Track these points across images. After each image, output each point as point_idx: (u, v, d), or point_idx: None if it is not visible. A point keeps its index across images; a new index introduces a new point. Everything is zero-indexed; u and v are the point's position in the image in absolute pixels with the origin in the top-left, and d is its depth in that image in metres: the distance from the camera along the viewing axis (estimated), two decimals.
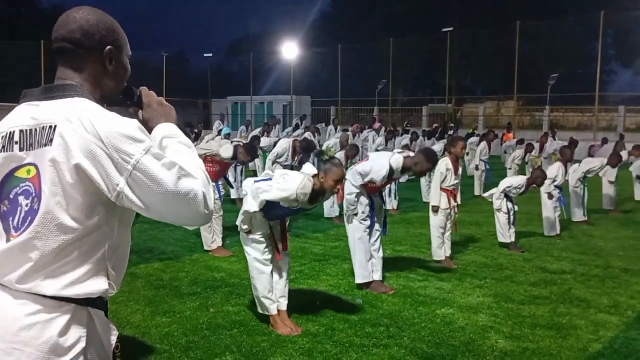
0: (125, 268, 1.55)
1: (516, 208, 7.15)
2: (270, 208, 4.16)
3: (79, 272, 1.40)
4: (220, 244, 6.72)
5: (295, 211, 4.27)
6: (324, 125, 24.94)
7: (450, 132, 17.96)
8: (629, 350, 4.06)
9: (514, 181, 7.17)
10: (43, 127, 1.40)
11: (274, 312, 4.32)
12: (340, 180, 4.12)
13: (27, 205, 1.40)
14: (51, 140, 1.37)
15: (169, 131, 1.55)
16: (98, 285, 1.44)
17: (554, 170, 7.90)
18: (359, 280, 5.32)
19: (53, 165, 1.36)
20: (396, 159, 5.18)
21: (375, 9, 42.17)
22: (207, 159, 6.47)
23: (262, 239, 4.30)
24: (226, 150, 6.47)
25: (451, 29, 29.06)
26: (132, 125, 1.39)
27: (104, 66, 1.55)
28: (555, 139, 15.67)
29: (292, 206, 4.11)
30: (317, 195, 4.13)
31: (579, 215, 8.94)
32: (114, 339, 1.53)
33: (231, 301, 4.98)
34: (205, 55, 37.34)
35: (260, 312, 4.39)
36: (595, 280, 5.78)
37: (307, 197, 4.04)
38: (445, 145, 8.58)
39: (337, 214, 8.90)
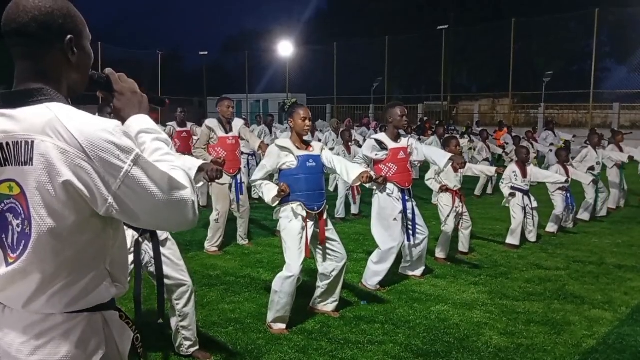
0: (127, 264, 1.53)
1: (534, 204, 7.22)
2: (291, 182, 4.23)
3: (84, 284, 1.37)
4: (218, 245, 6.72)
5: (315, 171, 4.30)
6: (326, 125, 24.85)
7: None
8: (622, 345, 4.08)
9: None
10: (18, 142, 1.29)
11: (282, 327, 4.29)
12: (307, 116, 4.32)
13: (18, 226, 1.32)
14: (31, 159, 1.27)
15: (144, 124, 1.45)
16: (105, 292, 1.42)
17: (558, 171, 7.91)
18: (371, 282, 5.33)
19: (38, 187, 1.28)
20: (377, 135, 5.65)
21: (371, 6, 42.16)
22: (209, 147, 6.51)
23: (295, 247, 4.21)
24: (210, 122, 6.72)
25: (446, 26, 29.09)
26: (115, 131, 1.30)
27: (67, 58, 1.40)
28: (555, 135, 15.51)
29: (293, 165, 4.24)
30: (301, 138, 4.37)
31: (584, 215, 8.96)
32: (129, 339, 1.51)
33: (226, 299, 4.98)
34: (201, 53, 37.28)
35: (274, 326, 4.29)
36: (590, 277, 5.81)
37: (292, 144, 4.30)
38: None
39: (343, 215, 8.91)
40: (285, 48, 33.07)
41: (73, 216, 1.30)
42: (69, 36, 1.39)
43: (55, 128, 1.27)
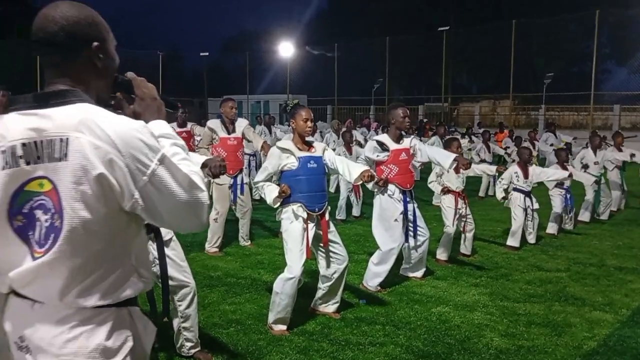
0: (149, 260, 1.60)
1: (536, 205, 7.23)
2: (292, 183, 4.24)
3: (112, 279, 1.43)
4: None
5: (316, 172, 4.30)
6: (327, 126, 24.85)
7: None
8: (623, 347, 4.08)
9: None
10: (51, 140, 1.35)
11: (283, 328, 4.28)
12: (308, 117, 4.32)
13: (46, 221, 1.37)
14: (65, 155, 1.33)
15: (163, 130, 1.53)
16: (133, 286, 1.48)
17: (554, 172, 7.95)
18: (372, 283, 5.33)
19: (73, 181, 1.33)
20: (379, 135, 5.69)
21: (371, 7, 42.18)
22: (213, 147, 6.53)
23: (296, 249, 4.21)
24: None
25: (447, 27, 29.11)
26: (144, 131, 1.39)
27: (93, 64, 1.48)
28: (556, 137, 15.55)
29: (294, 166, 4.24)
30: (303, 139, 4.36)
31: (585, 216, 8.96)
32: (152, 334, 1.58)
33: (227, 300, 4.99)
34: (201, 54, 37.29)
35: (275, 327, 4.29)
36: (590, 279, 5.81)
37: (293, 145, 4.30)
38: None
39: (344, 217, 8.91)
40: (286, 49, 33.08)
41: (104, 209, 1.36)
42: (94, 43, 1.47)
43: (88, 126, 1.34)
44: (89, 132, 1.33)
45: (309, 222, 4.26)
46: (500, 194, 7.13)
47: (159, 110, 1.59)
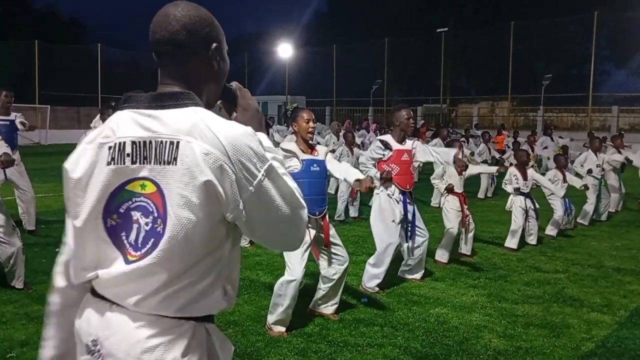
0: (238, 280, 1.49)
1: (536, 205, 7.26)
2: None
3: (196, 291, 1.33)
4: None
5: (318, 176, 4.32)
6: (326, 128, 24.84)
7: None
8: (621, 349, 4.08)
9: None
10: (162, 142, 1.29)
11: (282, 330, 4.26)
12: (310, 118, 4.36)
13: (147, 225, 1.31)
14: (175, 159, 1.28)
15: (264, 143, 1.41)
16: (216, 304, 1.39)
17: (551, 176, 7.99)
18: (370, 284, 5.33)
19: (180, 187, 1.27)
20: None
21: (370, 9, 42.22)
22: None
23: (297, 251, 4.16)
24: None
25: (445, 29, 29.16)
26: (254, 139, 1.31)
27: (210, 66, 1.44)
28: (552, 139, 15.69)
29: (297, 169, 4.23)
30: (306, 141, 4.40)
31: (585, 219, 8.96)
32: (229, 352, 1.50)
33: None
34: None
35: (274, 328, 4.27)
36: (588, 280, 5.82)
37: (297, 147, 4.31)
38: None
39: (343, 218, 8.92)
40: (285, 50, 33.09)
41: (206, 219, 1.29)
42: (214, 44, 1.43)
43: (201, 131, 1.28)
44: (200, 137, 1.27)
45: (308, 225, 4.25)
46: (512, 189, 7.19)
47: (260, 122, 1.53)
